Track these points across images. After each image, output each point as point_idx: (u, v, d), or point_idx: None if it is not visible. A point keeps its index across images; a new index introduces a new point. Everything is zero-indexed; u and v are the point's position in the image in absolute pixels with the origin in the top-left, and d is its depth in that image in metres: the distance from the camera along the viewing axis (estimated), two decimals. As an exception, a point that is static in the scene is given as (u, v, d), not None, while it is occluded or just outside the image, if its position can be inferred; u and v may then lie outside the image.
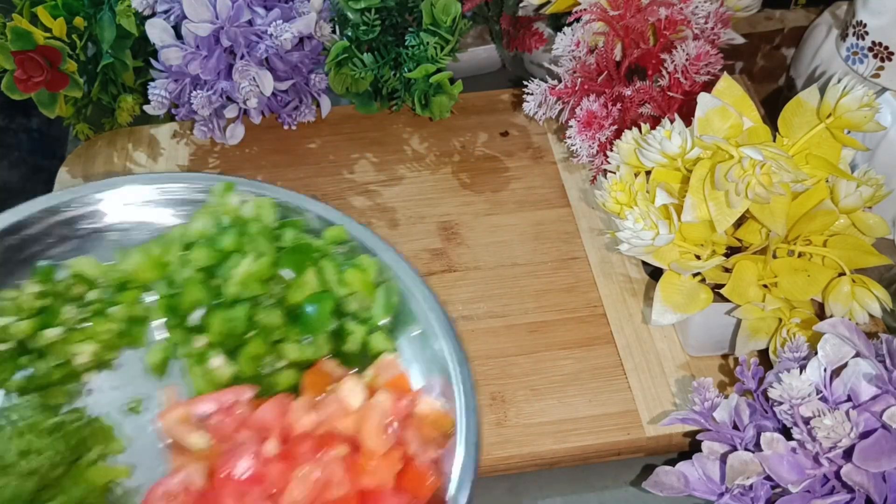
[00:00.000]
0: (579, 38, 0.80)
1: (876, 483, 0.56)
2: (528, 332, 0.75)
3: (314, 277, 0.59)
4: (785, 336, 0.66)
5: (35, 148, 1.21)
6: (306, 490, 0.49)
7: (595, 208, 0.85)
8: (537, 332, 0.75)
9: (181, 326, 0.58)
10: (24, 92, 0.81)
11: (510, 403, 0.70)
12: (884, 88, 0.81)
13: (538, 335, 0.75)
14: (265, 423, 0.53)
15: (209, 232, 0.60)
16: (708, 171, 0.64)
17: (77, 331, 0.57)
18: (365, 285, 0.60)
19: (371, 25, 0.86)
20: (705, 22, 0.79)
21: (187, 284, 0.57)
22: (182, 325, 0.58)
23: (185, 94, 0.83)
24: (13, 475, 0.48)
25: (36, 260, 0.60)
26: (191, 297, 0.57)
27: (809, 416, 0.58)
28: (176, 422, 0.54)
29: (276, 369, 0.57)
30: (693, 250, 0.68)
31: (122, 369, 0.58)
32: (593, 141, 0.78)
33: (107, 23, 0.83)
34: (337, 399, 0.54)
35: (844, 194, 0.66)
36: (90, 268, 0.60)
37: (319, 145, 0.92)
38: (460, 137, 0.93)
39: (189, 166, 0.89)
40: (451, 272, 0.80)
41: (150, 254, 0.60)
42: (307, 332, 0.58)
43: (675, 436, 0.69)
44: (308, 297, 0.58)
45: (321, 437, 0.52)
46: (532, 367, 0.73)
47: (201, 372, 0.56)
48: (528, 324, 0.76)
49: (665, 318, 0.68)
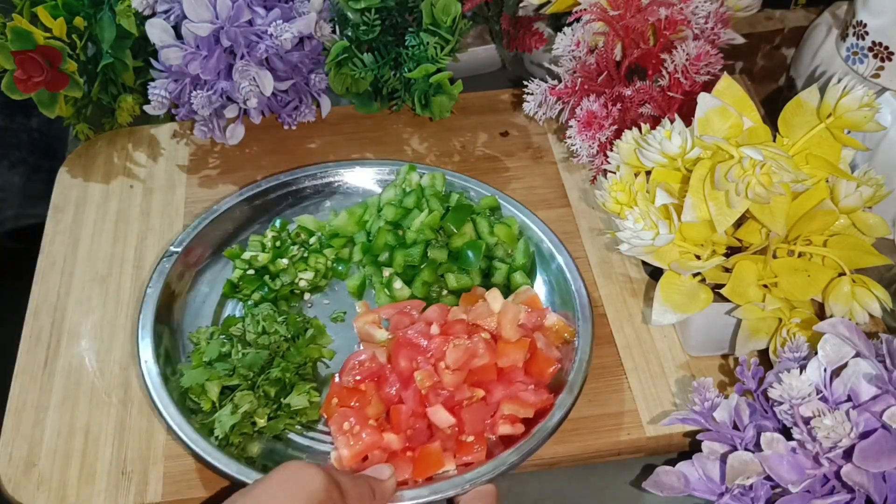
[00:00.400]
0: (579, 38, 0.80)
1: (876, 483, 0.56)
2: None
3: (471, 229, 0.79)
4: (785, 336, 0.66)
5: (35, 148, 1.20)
6: (457, 356, 0.66)
7: (595, 208, 0.85)
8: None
9: (374, 263, 0.78)
10: (24, 92, 0.81)
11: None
12: (884, 88, 0.81)
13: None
14: (431, 318, 0.70)
15: (397, 198, 0.81)
16: (708, 171, 0.64)
17: (300, 262, 0.78)
18: (509, 237, 0.79)
19: (371, 25, 0.86)
20: (705, 22, 0.79)
21: (379, 232, 0.78)
22: (374, 262, 0.78)
23: (185, 94, 0.83)
24: (254, 347, 0.69)
25: (274, 216, 0.83)
26: (381, 241, 0.78)
27: (809, 416, 0.58)
28: (366, 323, 0.73)
29: (440, 295, 0.77)
30: (693, 250, 0.68)
31: (332, 293, 0.79)
32: (593, 141, 0.78)
33: (107, 23, 0.83)
34: (483, 304, 0.71)
35: (844, 194, 0.66)
36: (310, 223, 0.82)
37: (319, 145, 0.92)
38: (460, 137, 0.93)
39: (189, 166, 0.89)
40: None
41: (353, 214, 0.82)
42: (464, 266, 0.77)
43: (675, 436, 0.69)
44: (466, 244, 0.77)
45: (471, 325, 0.70)
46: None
47: (387, 294, 0.76)
48: (528, 324, 0.76)
49: (665, 318, 0.68)
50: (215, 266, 0.79)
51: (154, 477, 0.66)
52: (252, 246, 0.79)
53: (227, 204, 0.81)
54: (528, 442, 0.64)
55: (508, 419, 0.66)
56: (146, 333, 0.71)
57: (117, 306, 0.77)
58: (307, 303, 0.78)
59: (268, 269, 0.77)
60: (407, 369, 0.67)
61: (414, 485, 0.63)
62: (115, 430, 0.69)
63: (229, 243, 0.81)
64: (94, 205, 0.86)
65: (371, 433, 0.64)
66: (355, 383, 0.67)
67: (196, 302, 0.77)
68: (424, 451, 0.64)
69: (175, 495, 0.65)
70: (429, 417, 0.65)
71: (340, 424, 0.65)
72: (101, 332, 0.75)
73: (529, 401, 0.66)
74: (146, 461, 0.67)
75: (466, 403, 0.66)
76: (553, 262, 0.78)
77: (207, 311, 0.76)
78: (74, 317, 0.76)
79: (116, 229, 0.83)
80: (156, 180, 0.88)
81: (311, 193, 0.85)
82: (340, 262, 0.79)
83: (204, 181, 0.88)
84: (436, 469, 0.64)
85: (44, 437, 0.68)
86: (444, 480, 0.63)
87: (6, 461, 0.67)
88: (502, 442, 0.66)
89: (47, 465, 0.67)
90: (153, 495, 0.65)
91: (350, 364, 0.68)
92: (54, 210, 0.85)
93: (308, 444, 0.68)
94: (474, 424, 0.65)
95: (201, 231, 0.79)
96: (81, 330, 0.75)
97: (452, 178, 0.84)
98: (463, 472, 0.63)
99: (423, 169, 0.84)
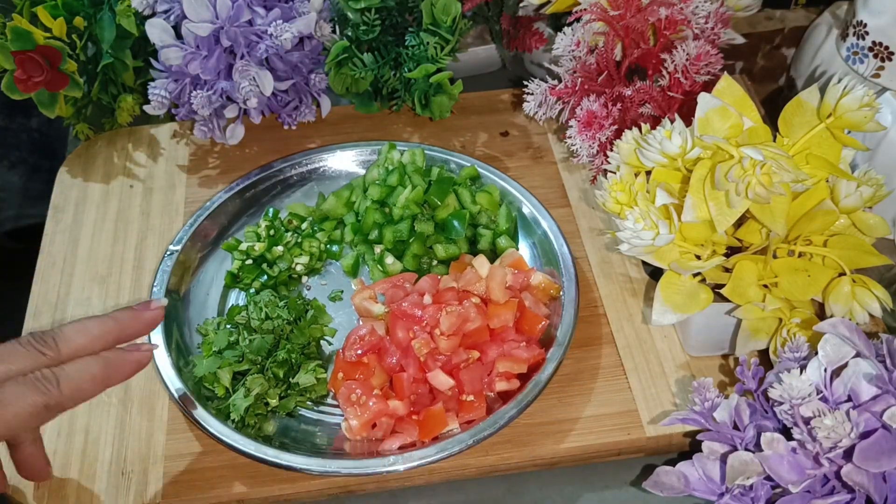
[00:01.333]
0: (579, 37, 0.80)
1: (876, 483, 0.56)
2: (528, 332, 0.76)
3: (454, 200, 0.81)
4: (785, 336, 0.66)
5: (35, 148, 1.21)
6: (451, 322, 0.69)
7: (595, 208, 0.85)
8: (537, 332, 0.76)
9: (365, 241, 0.81)
10: (24, 92, 0.81)
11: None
12: (884, 88, 0.81)
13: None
14: (423, 289, 0.74)
15: (380, 177, 0.84)
16: (708, 171, 0.64)
17: (296, 247, 0.81)
18: (491, 204, 0.82)
19: (371, 25, 0.86)
20: (705, 22, 0.79)
21: (367, 211, 0.81)
22: (365, 240, 0.81)
23: (185, 94, 0.83)
24: (259, 333, 0.71)
25: (266, 206, 0.85)
26: (370, 220, 0.81)
27: (810, 416, 0.58)
28: (363, 299, 0.76)
29: (430, 265, 0.80)
30: (693, 250, 0.68)
31: (328, 274, 0.82)
32: (593, 141, 0.78)
33: (107, 23, 0.83)
34: (471, 271, 0.75)
35: (845, 194, 0.66)
36: (300, 209, 0.84)
37: (319, 145, 0.92)
38: (460, 137, 0.93)
39: (189, 166, 0.89)
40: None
41: (341, 196, 0.84)
42: (451, 236, 0.80)
43: (675, 436, 0.69)
44: (451, 214, 0.80)
45: (461, 292, 0.73)
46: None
47: (379, 269, 0.80)
48: (528, 324, 0.76)
49: (665, 318, 0.68)
50: (215, 259, 0.81)
51: (154, 477, 0.66)
52: (248, 237, 0.81)
53: (219, 199, 0.83)
54: (525, 395, 0.68)
55: (504, 376, 0.70)
56: (157, 331, 0.72)
57: (117, 306, 0.77)
58: (305, 286, 0.80)
59: (265, 257, 0.79)
60: (405, 339, 0.70)
61: (422, 445, 0.66)
62: (115, 430, 0.69)
63: (226, 236, 0.83)
64: (94, 205, 0.86)
65: (377, 401, 0.67)
66: (358, 357, 0.71)
67: (200, 295, 0.79)
68: (429, 413, 0.68)
69: (175, 495, 0.65)
70: (429, 382, 0.69)
71: (348, 396, 0.68)
72: (101, 332, 0.75)
73: (522, 357, 0.70)
74: (146, 461, 0.67)
75: (463, 365, 0.69)
76: (538, 227, 0.81)
77: (212, 302, 0.78)
78: (74, 317, 0.76)
79: (116, 229, 0.83)
80: (156, 180, 0.88)
81: (298, 180, 0.88)
82: (333, 244, 0.82)
83: (204, 181, 0.88)
84: (441, 429, 0.67)
85: (44, 437, 0.68)
86: (448, 439, 0.66)
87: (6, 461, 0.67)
88: (501, 398, 0.69)
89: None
90: (153, 495, 0.65)
91: (351, 339, 0.71)
92: (54, 210, 0.85)
93: (318, 417, 0.71)
94: (473, 384, 0.69)
95: (198, 228, 0.81)
96: (81, 330, 0.75)
97: (432, 153, 0.86)
98: (466, 429, 0.67)
99: (402, 146, 0.86)
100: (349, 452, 0.67)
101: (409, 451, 0.65)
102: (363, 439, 0.68)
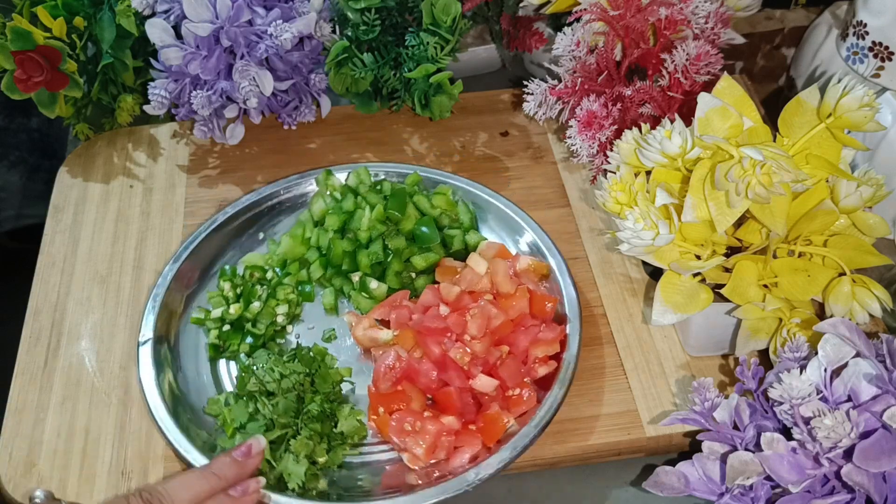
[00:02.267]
0: (579, 37, 0.80)
1: (876, 483, 0.56)
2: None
3: (413, 209, 0.80)
4: (785, 336, 0.66)
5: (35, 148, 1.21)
6: (479, 323, 0.69)
7: (595, 208, 0.85)
8: (537, 332, 0.76)
9: (339, 273, 0.79)
10: (24, 92, 0.81)
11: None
12: (884, 88, 0.81)
13: (538, 335, 0.75)
14: (429, 301, 0.74)
15: (331, 206, 0.81)
16: (708, 171, 0.64)
17: (271, 299, 0.76)
18: (449, 204, 0.82)
19: (371, 25, 0.86)
20: (705, 22, 0.79)
21: (332, 243, 0.78)
22: (339, 272, 0.78)
23: (185, 94, 0.83)
24: (281, 394, 0.67)
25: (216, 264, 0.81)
26: (338, 251, 0.78)
27: (810, 416, 0.58)
28: (365, 329, 0.74)
29: (412, 279, 0.78)
30: (693, 250, 0.68)
31: (309, 317, 0.78)
32: (593, 141, 0.78)
33: (107, 23, 0.83)
34: (469, 271, 0.75)
35: (844, 194, 0.66)
36: (257, 259, 0.80)
37: (319, 145, 0.92)
38: (460, 137, 0.93)
39: (189, 166, 0.89)
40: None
41: (295, 236, 0.80)
42: (425, 244, 0.78)
43: (675, 436, 0.69)
44: (417, 223, 0.79)
45: (470, 293, 0.73)
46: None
47: (365, 297, 0.77)
48: (528, 324, 0.76)
49: (665, 318, 0.68)
50: (189, 336, 0.75)
51: (154, 477, 0.66)
52: (215, 303, 0.76)
53: (197, 238, 0.79)
54: (565, 374, 0.69)
55: (541, 361, 0.70)
56: (175, 436, 0.67)
57: (117, 306, 0.77)
58: (292, 335, 0.76)
59: (244, 318, 0.75)
60: (440, 354, 0.69)
61: (489, 452, 0.66)
62: (114, 430, 0.69)
63: (193, 300, 0.78)
64: (94, 205, 0.86)
65: (433, 422, 0.66)
66: (393, 387, 0.69)
67: (191, 373, 0.73)
68: (488, 418, 0.67)
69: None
70: (474, 388, 0.68)
71: (401, 428, 0.67)
72: (101, 332, 0.75)
73: (549, 338, 0.71)
74: (146, 461, 0.67)
75: (499, 363, 0.70)
76: (491, 209, 0.82)
77: (206, 379, 0.73)
78: (74, 317, 0.76)
79: (116, 229, 0.83)
80: (156, 180, 0.88)
81: (242, 232, 0.83)
82: (304, 285, 0.78)
83: (204, 181, 0.88)
84: (503, 430, 0.67)
85: (44, 437, 0.68)
86: (514, 436, 0.66)
87: (6, 461, 0.67)
88: (539, 384, 0.70)
89: (47, 466, 0.67)
90: (153, 495, 0.65)
91: (381, 371, 0.69)
92: (54, 210, 0.85)
93: (362, 460, 0.68)
94: (513, 378, 0.69)
95: (172, 286, 0.76)
96: (81, 330, 0.75)
97: (372, 168, 0.85)
98: (523, 422, 0.67)
99: (339, 169, 0.85)
100: (418, 483, 0.65)
101: (483, 461, 0.65)
102: (427, 465, 0.66)
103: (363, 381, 0.72)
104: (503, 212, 0.82)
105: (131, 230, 0.83)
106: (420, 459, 0.66)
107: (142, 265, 0.80)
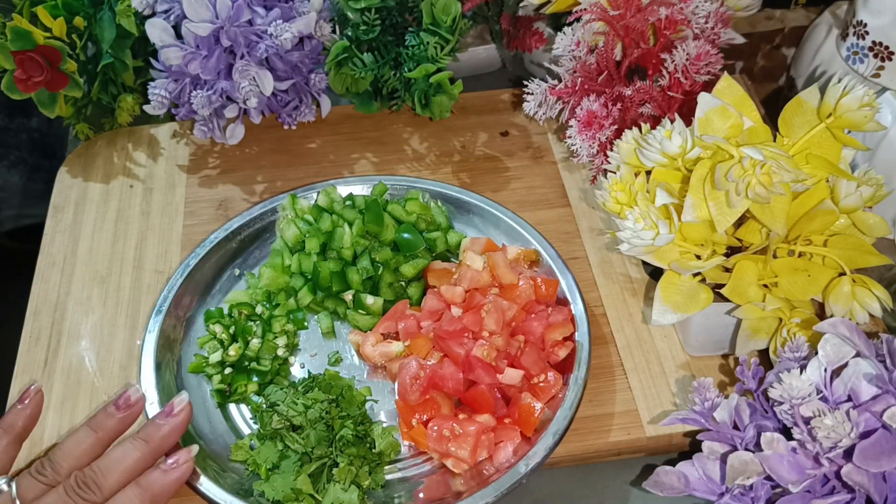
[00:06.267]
0: (579, 37, 0.80)
1: (876, 483, 0.56)
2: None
3: (389, 218, 0.80)
4: (785, 336, 0.66)
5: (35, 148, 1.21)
6: (495, 317, 0.70)
7: (595, 208, 0.85)
8: (537, 332, 0.76)
9: (330, 296, 0.77)
10: (24, 92, 0.81)
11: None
12: (884, 88, 0.81)
13: (538, 335, 0.75)
14: (435, 307, 0.74)
15: (307, 228, 0.79)
16: (708, 170, 0.64)
17: (268, 333, 0.75)
18: (422, 208, 0.82)
19: (371, 25, 0.86)
20: (705, 22, 0.79)
21: (319, 266, 0.76)
22: (331, 295, 0.77)
23: (185, 94, 0.83)
24: (309, 426, 0.66)
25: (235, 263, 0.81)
26: (325, 273, 0.76)
27: (810, 416, 0.58)
28: (374, 345, 0.73)
29: (403, 289, 0.78)
30: (693, 250, 0.68)
31: (309, 345, 0.76)
32: (593, 141, 0.78)
33: (107, 23, 0.83)
34: (466, 269, 0.75)
35: (845, 194, 0.66)
36: (241, 296, 0.78)
37: (319, 145, 0.92)
38: (460, 137, 0.93)
39: (189, 166, 0.89)
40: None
41: (275, 266, 0.78)
42: (410, 251, 0.78)
43: (675, 436, 0.69)
44: (398, 231, 0.79)
45: (478, 290, 0.73)
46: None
47: (362, 314, 0.76)
48: (528, 324, 0.76)
49: (665, 318, 0.68)
50: (189, 387, 0.72)
51: (154, 477, 0.66)
52: (210, 348, 0.73)
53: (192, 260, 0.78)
54: (581, 354, 0.70)
55: (559, 344, 0.71)
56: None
57: (117, 306, 0.77)
58: (295, 366, 0.75)
59: (245, 356, 0.73)
60: (464, 355, 0.69)
61: (529, 442, 0.66)
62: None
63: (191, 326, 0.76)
64: (94, 204, 0.86)
65: (472, 423, 0.66)
66: (422, 396, 0.69)
67: (202, 420, 0.70)
68: (522, 409, 0.67)
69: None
70: (501, 383, 0.69)
71: (441, 435, 0.66)
72: (101, 332, 0.75)
73: (561, 320, 0.72)
74: (146, 461, 0.67)
75: (520, 354, 0.70)
76: (467, 207, 0.83)
77: (220, 429, 0.70)
78: (74, 317, 0.76)
79: (116, 229, 0.83)
80: (156, 180, 0.88)
81: (217, 274, 0.80)
82: (294, 313, 0.77)
83: (204, 181, 0.88)
84: (537, 419, 0.67)
85: (44, 437, 0.68)
86: (549, 424, 0.66)
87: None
88: (557, 368, 0.71)
89: (47, 465, 0.67)
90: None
91: (405, 382, 0.69)
92: (54, 210, 0.85)
93: (396, 476, 0.67)
94: (536, 365, 0.69)
95: (164, 324, 0.74)
96: (81, 330, 0.75)
97: (335, 184, 0.84)
98: (553, 408, 0.67)
99: (300, 192, 0.83)
100: (466, 487, 0.64)
101: (528, 451, 0.65)
102: (472, 466, 0.66)
103: (381, 398, 0.72)
104: (477, 206, 0.83)
105: (131, 230, 0.83)
106: (466, 462, 0.65)
107: (142, 265, 0.80)
